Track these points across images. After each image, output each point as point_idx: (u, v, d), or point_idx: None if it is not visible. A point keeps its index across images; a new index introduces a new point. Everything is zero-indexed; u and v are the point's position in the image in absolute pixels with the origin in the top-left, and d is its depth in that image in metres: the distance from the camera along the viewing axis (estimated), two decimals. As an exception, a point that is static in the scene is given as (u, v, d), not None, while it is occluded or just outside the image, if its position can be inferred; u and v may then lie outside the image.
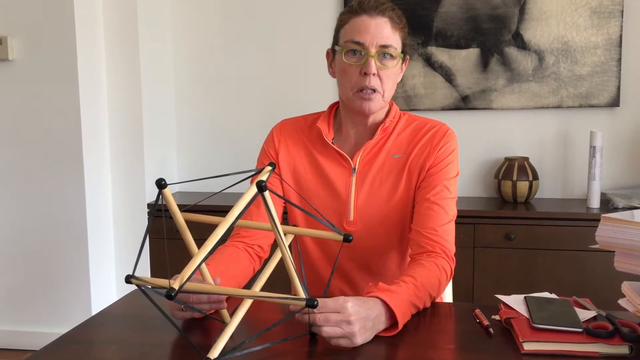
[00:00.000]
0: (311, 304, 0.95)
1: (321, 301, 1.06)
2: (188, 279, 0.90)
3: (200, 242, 1.00)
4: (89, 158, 2.87)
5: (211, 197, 3.01)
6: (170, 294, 0.87)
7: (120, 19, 2.93)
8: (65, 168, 2.84)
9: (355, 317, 1.05)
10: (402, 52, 1.41)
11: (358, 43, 1.36)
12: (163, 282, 0.97)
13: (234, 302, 1.23)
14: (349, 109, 1.45)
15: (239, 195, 1.03)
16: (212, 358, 0.97)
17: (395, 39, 1.37)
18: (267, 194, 0.96)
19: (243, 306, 1.11)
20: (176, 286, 0.88)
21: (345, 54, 1.39)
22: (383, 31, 1.36)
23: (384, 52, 1.36)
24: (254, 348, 1.03)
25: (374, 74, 1.36)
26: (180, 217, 1.06)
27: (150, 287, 0.98)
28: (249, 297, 1.02)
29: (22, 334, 2.97)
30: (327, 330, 1.04)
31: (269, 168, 1.07)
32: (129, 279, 0.98)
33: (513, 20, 2.91)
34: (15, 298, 2.98)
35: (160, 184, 0.99)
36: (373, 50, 1.35)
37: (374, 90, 1.37)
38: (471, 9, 2.94)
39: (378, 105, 1.40)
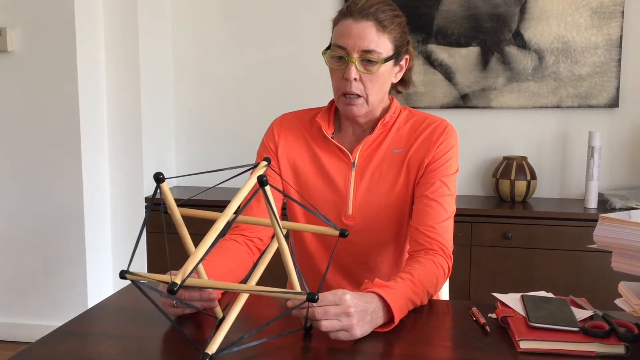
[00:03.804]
0: (312, 297, 0.95)
1: (319, 295, 1.05)
2: (190, 274, 0.89)
3: (196, 237, 0.99)
4: (87, 151, 2.86)
5: (208, 192, 3.02)
6: (172, 289, 0.86)
7: (120, 12, 2.92)
8: (63, 160, 2.83)
9: (354, 309, 1.05)
10: (396, 53, 1.38)
11: (341, 47, 1.35)
12: (158, 277, 0.96)
13: (229, 296, 1.23)
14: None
15: (235, 191, 1.03)
16: (210, 354, 0.97)
17: (381, 43, 1.34)
18: (267, 188, 0.95)
19: (239, 301, 1.10)
20: (178, 281, 0.87)
21: (330, 58, 1.39)
22: (366, 36, 1.33)
23: (367, 57, 1.34)
24: (250, 343, 1.03)
25: (355, 79, 1.35)
26: (177, 212, 1.06)
27: (145, 282, 0.97)
28: (249, 292, 1.02)
29: (18, 326, 2.96)
30: (326, 324, 1.04)
31: (264, 163, 1.07)
32: (123, 275, 0.97)
33: (514, 20, 2.91)
34: (11, 290, 2.97)
35: (158, 177, 0.98)
36: (355, 56, 1.34)
37: (358, 96, 1.37)
38: (472, 8, 2.93)
39: (362, 110, 1.40)
